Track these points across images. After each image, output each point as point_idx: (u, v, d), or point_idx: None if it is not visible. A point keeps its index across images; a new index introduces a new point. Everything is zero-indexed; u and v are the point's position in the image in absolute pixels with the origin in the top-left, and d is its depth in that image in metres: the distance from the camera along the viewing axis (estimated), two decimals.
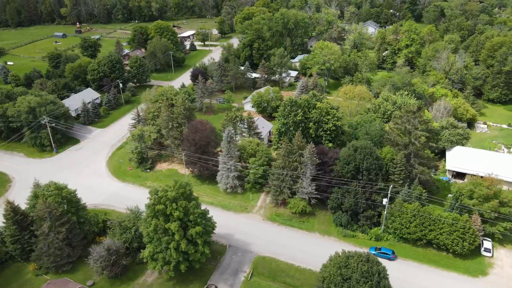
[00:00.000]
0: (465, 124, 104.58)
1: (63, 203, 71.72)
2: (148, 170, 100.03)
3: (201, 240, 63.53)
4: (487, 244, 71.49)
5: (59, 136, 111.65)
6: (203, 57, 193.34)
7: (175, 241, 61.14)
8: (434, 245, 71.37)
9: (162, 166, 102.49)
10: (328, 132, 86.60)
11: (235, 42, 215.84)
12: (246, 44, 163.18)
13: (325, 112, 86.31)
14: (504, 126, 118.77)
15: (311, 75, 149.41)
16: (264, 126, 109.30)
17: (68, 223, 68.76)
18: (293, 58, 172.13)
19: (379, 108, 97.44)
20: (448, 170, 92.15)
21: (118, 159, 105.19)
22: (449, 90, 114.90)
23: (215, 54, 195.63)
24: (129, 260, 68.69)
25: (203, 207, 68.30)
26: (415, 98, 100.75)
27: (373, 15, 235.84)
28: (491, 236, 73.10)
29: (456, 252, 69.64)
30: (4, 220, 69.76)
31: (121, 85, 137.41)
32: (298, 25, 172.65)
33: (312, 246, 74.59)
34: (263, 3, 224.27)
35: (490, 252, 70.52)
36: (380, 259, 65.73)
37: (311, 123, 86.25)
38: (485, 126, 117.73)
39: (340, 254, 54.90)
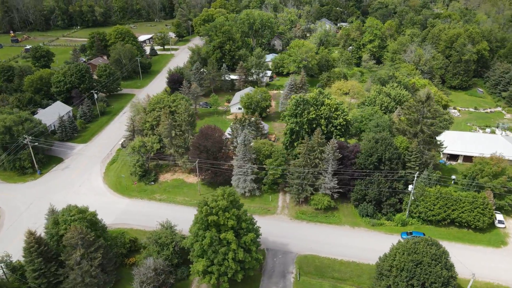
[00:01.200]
0: (449, 111, 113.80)
1: (88, 227, 65.88)
2: (153, 183, 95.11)
3: (255, 247, 62.41)
4: (499, 216, 78.87)
5: (41, 156, 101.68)
6: (167, 62, 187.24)
7: (232, 251, 59.32)
8: (457, 223, 77.14)
9: (166, 177, 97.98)
10: (339, 127, 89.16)
11: (195, 44, 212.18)
12: (216, 46, 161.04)
13: (334, 108, 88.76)
14: (472, 109, 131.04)
15: (288, 74, 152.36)
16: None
17: (102, 248, 63.35)
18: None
19: (375, 101, 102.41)
20: (443, 153, 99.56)
21: (116, 175, 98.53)
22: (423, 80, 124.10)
23: (179, 58, 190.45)
24: (175, 278, 65.12)
25: None
26: (404, 89, 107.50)
27: (324, 13, 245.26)
28: (500, 209, 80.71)
29: (477, 227, 76.00)
30: (26, 254, 62.16)
31: (96, 96, 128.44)
32: (264, 25, 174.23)
33: (346, 238, 76.56)
34: (219, 4, 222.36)
35: (503, 223, 77.91)
36: None
37: (322, 120, 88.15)
38: (456, 111, 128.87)
39: (402, 241, 57.17)
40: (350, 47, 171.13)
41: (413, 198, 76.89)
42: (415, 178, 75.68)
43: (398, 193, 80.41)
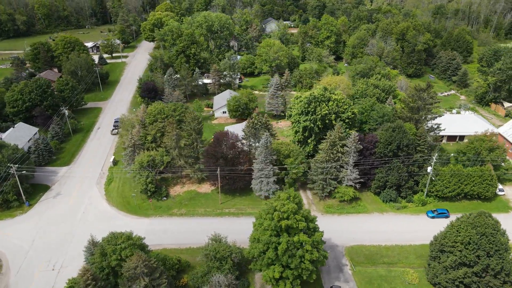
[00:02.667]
0: None
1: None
2: (165, 198, 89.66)
3: (322, 245, 62.81)
4: (499, 185, 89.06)
5: (26, 185, 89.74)
6: (122, 70, 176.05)
7: (308, 252, 59.09)
8: (468, 196, 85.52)
9: (176, 190, 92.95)
10: (347, 120, 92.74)
11: (143, 50, 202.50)
12: (179, 50, 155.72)
13: (341, 102, 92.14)
14: None
15: (259, 74, 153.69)
16: None
17: (165, 274, 58.73)
18: (221, 60, 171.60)
19: (366, 93, 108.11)
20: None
21: (120, 195, 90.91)
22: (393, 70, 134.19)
23: (134, 66, 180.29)
24: None
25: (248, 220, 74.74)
26: (387, 80, 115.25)
27: (267, 13, 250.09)
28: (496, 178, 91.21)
29: (485, 198, 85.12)
30: None
31: (66, 112, 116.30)
32: (223, 26, 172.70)
33: (380, 225, 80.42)
34: (165, 8, 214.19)
35: (503, 191, 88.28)
36: (439, 219, 77.63)
37: (332, 115, 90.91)
38: None
39: (462, 217, 62.02)
40: (308, 44, 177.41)
41: (434, 178, 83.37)
42: (434, 160, 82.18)
43: (413, 176, 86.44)
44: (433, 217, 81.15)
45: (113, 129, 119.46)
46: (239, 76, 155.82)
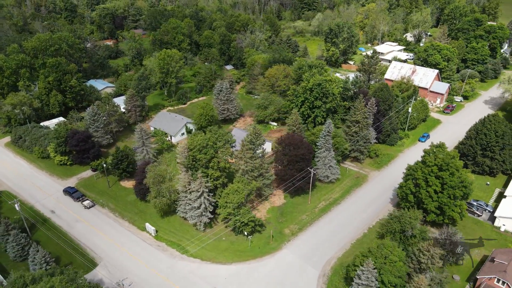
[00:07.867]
0: None
1: None
2: (264, 227, 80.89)
3: None
4: None
5: None
6: None
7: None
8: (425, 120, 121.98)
9: (257, 216, 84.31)
10: (338, 94, 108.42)
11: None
12: (49, 87, 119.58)
13: (334, 81, 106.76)
14: None
15: (163, 86, 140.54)
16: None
17: None
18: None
19: (312, 72, 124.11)
20: None
21: (224, 251, 74.73)
22: None
23: None
24: None
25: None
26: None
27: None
28: None
29: (425, 119, 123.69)
30: None
31: (17, 207, 74.83)
32: (73, 47, 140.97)
33: (413, 157, 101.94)
34: None
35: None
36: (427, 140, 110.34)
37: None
38: None
39: (490, 122, 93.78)
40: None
41: (414, 115, 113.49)
42: (412, 101, 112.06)
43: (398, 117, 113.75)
44: (424, 141, 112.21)
45: (82, 201, 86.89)
46: None
